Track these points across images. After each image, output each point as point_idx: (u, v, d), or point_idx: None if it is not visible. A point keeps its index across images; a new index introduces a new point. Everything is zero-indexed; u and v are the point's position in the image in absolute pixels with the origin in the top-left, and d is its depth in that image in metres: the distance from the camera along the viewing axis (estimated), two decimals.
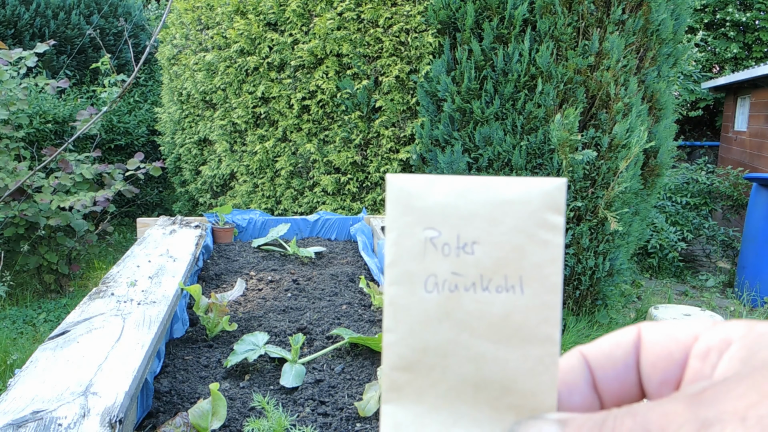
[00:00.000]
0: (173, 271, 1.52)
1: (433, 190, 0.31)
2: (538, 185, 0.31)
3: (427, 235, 0.31)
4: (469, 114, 3.62)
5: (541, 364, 0.31)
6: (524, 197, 0.31)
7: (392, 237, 0.32)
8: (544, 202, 0.31)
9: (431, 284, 0.31)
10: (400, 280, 0.31)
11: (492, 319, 0.31)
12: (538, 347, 0.31)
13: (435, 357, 0.31)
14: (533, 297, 0.31)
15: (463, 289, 0.31)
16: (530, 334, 0.31)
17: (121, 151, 6.78)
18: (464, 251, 0.31)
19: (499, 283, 0.31)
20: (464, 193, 0.31)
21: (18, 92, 4.18)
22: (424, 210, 0.31)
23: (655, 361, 0.30)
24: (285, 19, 3.98)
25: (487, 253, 0.31)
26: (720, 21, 10.44)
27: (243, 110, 4.30)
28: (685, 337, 0.30)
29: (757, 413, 0.23)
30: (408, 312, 0.31)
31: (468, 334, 0.31)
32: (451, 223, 0.31)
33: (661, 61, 3.84)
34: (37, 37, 6.85)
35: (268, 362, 1.23)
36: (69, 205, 4.17)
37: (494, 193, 0.31)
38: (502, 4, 3.48)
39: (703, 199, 6.67)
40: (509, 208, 0.31)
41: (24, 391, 0.85)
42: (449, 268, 0.31)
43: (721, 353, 0.27)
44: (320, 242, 2.27)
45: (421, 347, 0.31)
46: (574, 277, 3.85)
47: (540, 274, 0.31)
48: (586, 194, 3.63)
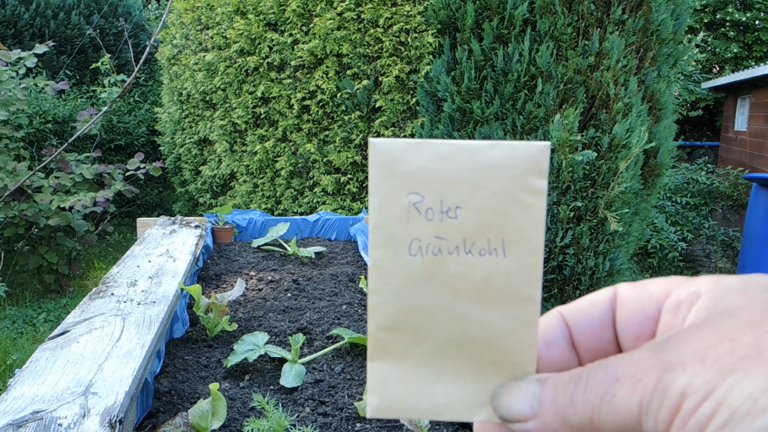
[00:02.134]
0: (173, 271, 1.52)
1: (416, 155, 0.31)
2: (522, 149, 0.31)
3: (411, 200, 0.32)
4: (469, 114, 3.62)
5: (521, 322, 0.32)
6: (508, 162, 0.31)
7: (376, 201, 0.32)
8: (528, 166, 0.31)
9: (415, 248, 0.32)
10: (384, 244, 0.32)
11: (475, 280, 0.32)
12: (519, 307, 0.32)
13: (419, 317, 0.32)
14: (515, 259, 0.32)
15: (446, 252, 0.32)
16: (512, 294, 0.32)
17: (121, 151, 6.78)
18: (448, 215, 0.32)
19: (482, 246, 0.32)
20: (448, 158, 0.31)
21: (17, 92, 4.18)
22: (408, 174, 0.32)
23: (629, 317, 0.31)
24: (285, 19, 3.98)
25: (471, 217, 0.32)
26: (720, 21, 10.44)
27: (243, 110, 4.30)
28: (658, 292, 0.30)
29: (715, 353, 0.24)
30: (393, 274, 0.32)
31: (451, 295, 0.32)
32: (435, 188, 0.31)
33: (661, 61, 3.84)
34: (37, 37, 6.85)
35: (268, 362, 1.23)
36: (69, 205, 4.17)
37: (478, 157, 0.31)
38: (502, 4, 3.48)
39: (703, 199, 6.67)
40: (493, 173, 0.31)
41: (24, 391, 0.85)
42: (433, 232, 0.32)
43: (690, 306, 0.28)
44: (320, 242, 2.27)
45: (406, 308, 0.32)
46: (574, 277, 3.85)
47: (522, 237, 0.31)
48: (586, 194, 3.63)
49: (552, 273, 3.83)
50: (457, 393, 0.32)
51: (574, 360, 0.33)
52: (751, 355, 0.23)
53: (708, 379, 0.23)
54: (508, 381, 0.31)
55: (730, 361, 0.23)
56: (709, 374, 0.23)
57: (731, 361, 0.23)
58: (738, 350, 0.24)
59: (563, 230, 3.66)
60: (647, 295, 0.31)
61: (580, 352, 0.33)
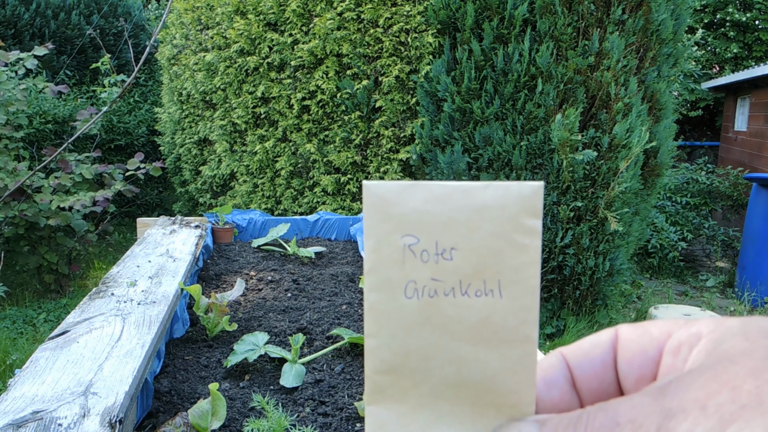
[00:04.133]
0: (173, 271, 1.52)
1: (410, 197, 0.32)
2: (515, 190, 0.31)
3: (406, 242, 0.32)
4: (469, 114, 3.62)
5: (519, 363, 0.32)
6: (502, 202, 0.31)
7: (370, 244, 0.32)
8: (522, 206, 0.31)
9: (411, 290, 0.32)
10: (380, 287, 0.32)
11: (471, 322, 0.32)
12: (516, 348, 0.32)
13: (417, 360, 0.32)
14: (512, 300, 0.32)
15: (442, 294, 0.32)
16: (509, 335, 0.32)
17: (121, 151, 6.78)
18: (443, 257, 0.32)
19: (478, 287, 0.32)
20: (442, 200, 0.31)
21: (17, 93, 4.18)
22: (402, 217, 0.32)
23: (631, 358, 0.31)
24: (285, 19, 3.98)
25: (466, 259, 0.32)
26: (720, 21, 10.44)
27: (243, 110, 4.30)
28: (659, 334, 0.30)
29: (716, 402, 0.24)
30: (389, 317, 0.32)
31: (448, 337, 0.32)
32: (430, 230, 0.32)
33: (661, 61, 3.84)
34: (37, 37, 6.85)
35: (268, 362, 1.23)
36: (69, 205, 4.17)
37: (472, 198, 0.31)
38: (502, 4, 3.48)
39: (703, 199, 6.67)
40: (487, 214, 0.31)
41: (24, 391, 0.85)
42: (428, 274, 0.32)
43: (691, 348, 0.28)
44: (320, 242, 2.27)
45: (402, 351, 0.32)
46: (574, 277, 3.85)
47: (518, 278, 0.31)
48: (586, 194, 3.63)
49: (552, 273, 3.83)
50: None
51: (575, 401, 0.33)
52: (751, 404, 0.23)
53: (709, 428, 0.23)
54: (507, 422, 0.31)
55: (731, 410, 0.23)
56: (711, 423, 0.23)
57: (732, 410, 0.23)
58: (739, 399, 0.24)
59: (563, 230, 3.66)
60: (648, 336, 0.31)
61: (582, 393, 0.32)
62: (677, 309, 4.09)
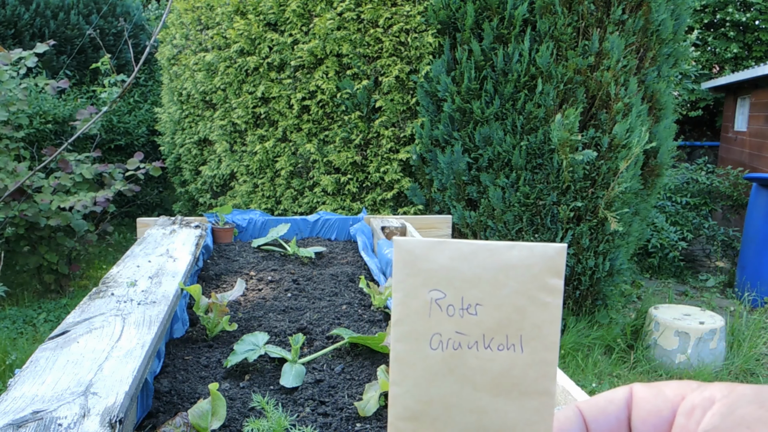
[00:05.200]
0: (173, 271, 1.52)
1: (438, 253, 0.34)
2: (540, 251, 0.33)
3: (433, 297, 0.34)
4: (469, 114, 3.62)
5: (537, 414, 0.33)
6: (526, 262, 0.33)
7: (399, 297, 0.34)
8: (546, 266, 0.33)
9: (436, 342, 0.34)
10: (406, 338, 0.34)
11: (493, 374, 0.34)
12: (535, 399, 0.33)
13: (439, 408, 0.34)
14: (532, 354, 0.33)
15: (466, 346, 0.34)
16: (528, 387, 0.33)
17: (121, 151, 6.78)
18: (468, 312, 0.34)
19: (501, 342, 0.34)
20: (468, 257, 0.33)
21: (18, 92, 4.18)
22: (430, 272, 0.34)
23: (645, 417, 0.32)
24: (285, 19, 3.98)
25: (490, 314, 0.33)
26: (720, 21, 10.44)
27: (243, 110, 4.30)
28: (672, 395, 0.32)
29: None
30: (414, 367, 0.34)
31: (470, 387, 0.34)
32: (456, 286, 0.33)
33: (661, 61, 3.84)
34: (37, 37, 6.85)
35: (268, 362, 1.23)
36: (69, 205, 4.17)
37: (498, 257, 0.33)
38: (502, 4, 3.48)
39: (703, 199, 6.67)
40: (512, 272, 0.33)
41: (24, 391, 0.85)
42: (453, 327, 0.34)
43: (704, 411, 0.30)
44: (320, 242, 2.27)
45: (425, 399, 0.34)
46: (574, 277, 3.85)
47: (539, 334, 0.33)
48: (586, 194, 3.63)
49: None
50: None
51: None
52: None
53: None
54: None
55: None
56: None
57: None
58: None
59: (563, 230, 3.66)
60: (663, 397, 0.32)
61: None
62: (677, 309, 4.09)
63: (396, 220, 2.33)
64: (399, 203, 4.00)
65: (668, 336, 3.85)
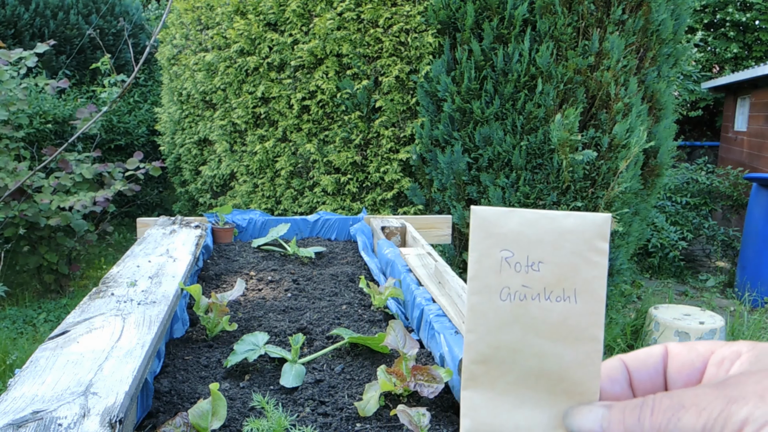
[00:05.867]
0: (173, 271, 1.52)
1: (508, 220, 0.39)
2: (590, 218, 0.39)
3: (503, 255, 0.39)
4: (469, 114, 3.62)
5: (588, 358, 0.39)
6: (579, 228, 0.39)
7: (474, 256, 0.40)
8: (595, 232, 0.39)
9: (505, 294, 0.39)
10: (480, 291, 0.39)
11: (552, 322, 0.39)
12: (587, 345, 0.39)
13: (506, 352, 0.39)
14: (584, 305, 0.39)
15: (530, 298, 0.39)
16: (581, 334, 0.39)
17: (121, 151, 6.78)
18: (532, 269, 0.39)
19: (559, 294, 0.39)
20: (533, 223, 0.39)
21: (18, 92, 4.18)
22: (501, 236, 0.39)
23: (679, 367, 0.38)
24: (285, 19, 3.98)
25: (550, 271, 0.39)
26: (720, 21, 10.44)
27: (243, 110, 4.30)
28: (704, 350, 0.38)
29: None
30: (485, 316, 0.39)
31: (533, 334, 0.39)
32: (522, 246, 0.39)
33: (661, 61, 3.84)
34: (36, 37, 6.85)
35: (268, 362, 1.23)
36: (69, 205, 4.17)
37: (557, 223, 0.39)
38: (502, 4, 3.48)
39: (703, 199, 6.66)
40: (568, 236, 0.39)
41: (24, 391, 0.85)
42: (520, 281, 0.39)
43: (732, 361, 0.35)
44: (320, 242, 2.27)
45: (495, 345, 0.39)
46: None
47: (590, 288, 0.39)
48: (586, 194, 3.63)
49: None
50: (534, 418, 0.39)
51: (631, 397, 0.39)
52: None
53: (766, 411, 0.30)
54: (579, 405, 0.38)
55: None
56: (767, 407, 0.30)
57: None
58: None
59: None
60: (695, 351, 0.38)
61: (636, 392, 0.40)
62: (677, 309, 4.09)
63: (396, 220, 2.33)
64: (399, 203, 4.00)
65: (668, 336, 3.85)
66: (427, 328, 1.33)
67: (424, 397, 1.05)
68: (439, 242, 2.44)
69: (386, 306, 1.55)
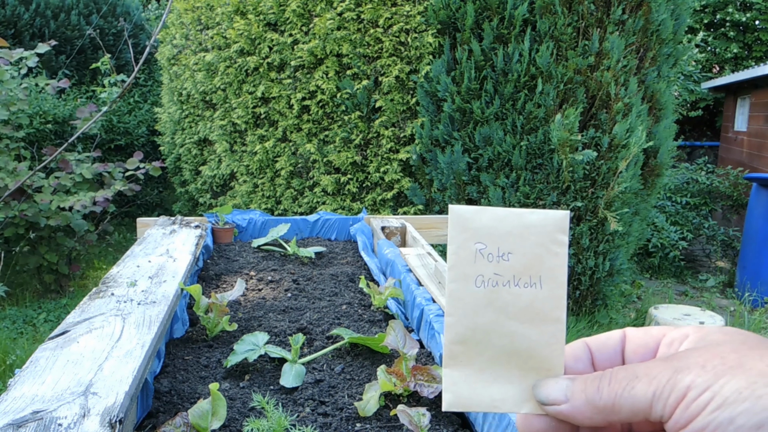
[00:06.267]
0: (173, 271, 1.52)
1: (481, 216, 0.45)
2: (552, 215, 0.44)
3: (477, 248, 0.44)
4: (469, 114, 3.62)
5: (553, 337, 0.44)
6: (542, 223, 0.44)
7: (452, 248, 0.45)
8: (556, 226, 0.44)
9: (479, 281, 0.44)
10: (458, 279, 0.44)
11: (521, 306, 0.44)
12: (552, 325, 0.44)
13: (481, 334, 0.44)
14: (548, 291, 0.44)
15: (501, 285, 0.44)
16: (546, 316, 0.44)
17: (121, 151, 6.78)
18: (503, 259, 0.44)
19: (526, 281, 0.44)
20: (503, 219, 0.44)
21: (18, 92, 4.18)
22: (475, 230, 0.44)
23: (635, 348, 0.43)
24: (285, 19, 3.98)
25: (518, 260, 0.44)
26: (720, 21, 10.44)
27: (243, 110, 4.30)
28: (657, 333, 0.43)
29: (711, 363, 0.35)
30: (463, 301, 0.44)
31: (504, 317, 0.44)
32: (494, 239, 0.44)
33: (661, 61, 3.84)
34: (37, 37, 6.85)
35: (268, 362, 1.23)
36: (69, 205, 4.17)
37: (523, 219, 0.44)
38: (502, 4, 3.48)
39: (703, 199, 6.66)
40: (533, 230, 0.44)
41: (24, 391, 0.85)
42: (492, 270, 0.44)
43: (681, 341, 0.40)
44: (320, 242, 2.27)
45: (471, 326, 0.44)
46: (574, 278, 3.85)
47: (553, 275, 0.44)
48: (586, 194, 3.63)
49: None
50: (508, 392, 0.44)
51: None
52: (736, 366, 0.34)
53: (707, 379, 0.34)
54: (545, 378, 0.43)
55: (722, 369, 0.34)
56: (708, 375, 0.34)
57: (723, 369, 0.34)
58: (727, 362, 0.35)
59: None
60: (649, 335, 0.43)
61: (597, 369, 0.44)
62: (677, 309, 4.09)
63: (396, 220, 2.33)
64: (399, 203, 4.00)
65: None
66: (427, 328, 1.33)
67: (424, 397, 1.05)
68: (439, 242, 2.44)
69: (386, 306, 1.55)
